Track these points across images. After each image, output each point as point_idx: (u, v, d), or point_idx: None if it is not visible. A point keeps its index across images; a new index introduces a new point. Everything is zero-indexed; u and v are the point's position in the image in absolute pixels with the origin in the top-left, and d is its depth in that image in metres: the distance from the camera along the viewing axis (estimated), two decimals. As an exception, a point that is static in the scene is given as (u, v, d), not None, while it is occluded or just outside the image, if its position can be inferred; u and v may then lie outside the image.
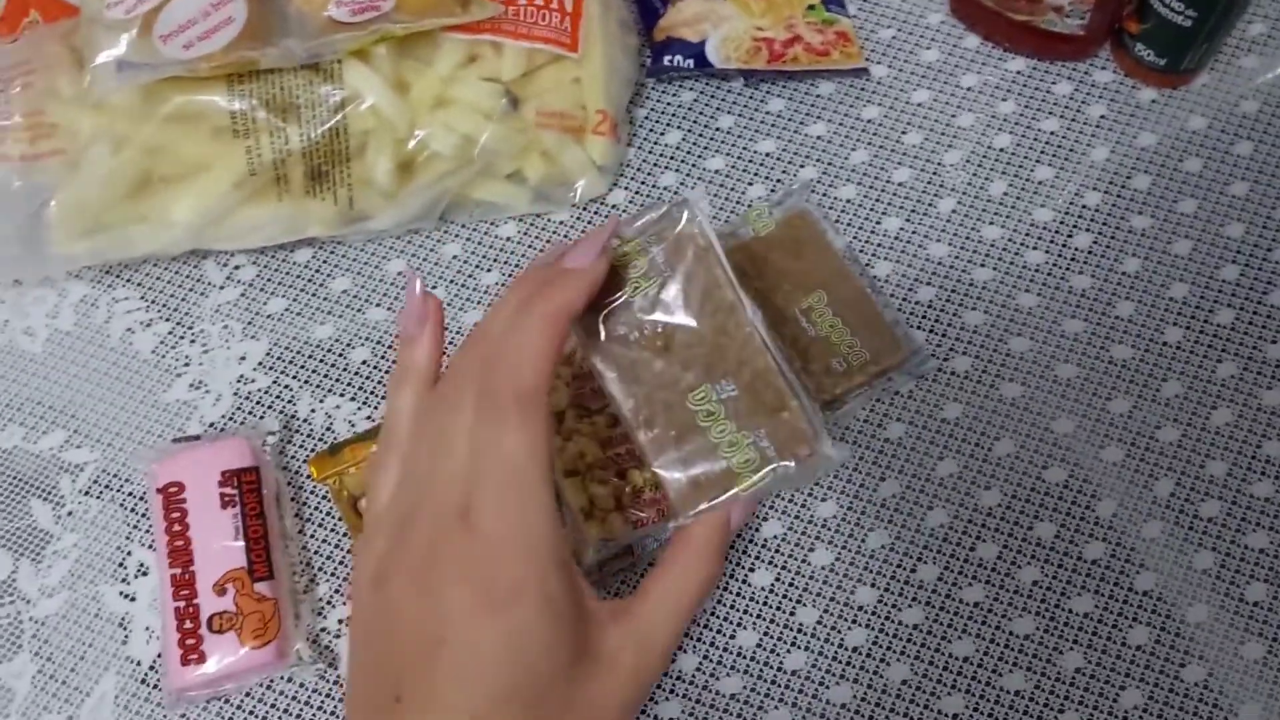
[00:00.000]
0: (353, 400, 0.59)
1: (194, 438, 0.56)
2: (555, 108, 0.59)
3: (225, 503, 0.52)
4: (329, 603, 0.54)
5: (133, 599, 0.55)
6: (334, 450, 0.56)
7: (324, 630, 0.54)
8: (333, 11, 0.54)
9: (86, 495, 0.57)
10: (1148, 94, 0.64)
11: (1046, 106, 0.64)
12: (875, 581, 0.54)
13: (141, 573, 0.55)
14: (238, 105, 0.54)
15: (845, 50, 0.65)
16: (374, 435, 0.57)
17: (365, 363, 0.60)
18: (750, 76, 0.65)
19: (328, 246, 0.62)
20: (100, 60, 0.53)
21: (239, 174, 0.55)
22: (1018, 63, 0.66)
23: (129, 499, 0.57)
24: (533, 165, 0.59)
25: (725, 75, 0.65)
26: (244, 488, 0.53)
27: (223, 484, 0.53)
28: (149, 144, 0.55)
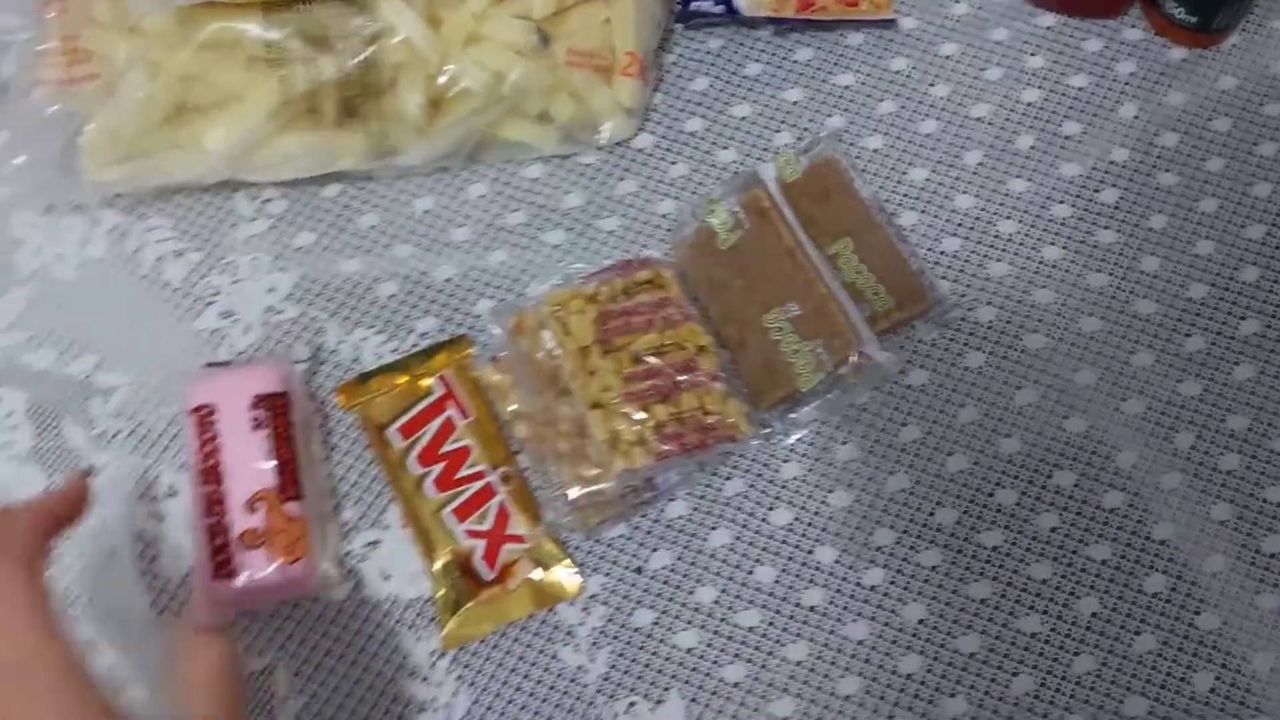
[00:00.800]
0: (380, 333, 0.59)
1: (225, 364, 0.57)
2: (585, 47, 0.59)
3: (257, 425, 0.53)
4: (354, 527, 0.55)
5: (162, 519, 0.56)
6: (362, 380, 0.57)
7: (349, 553, 0.55)
8: (370, -57, 0.54)
9: (117, 417, 0.58)
10: (1178, 53, 0.64)
11: (1076, 63, 0.64)
12: (894, 524, 0.55)
13: (170, 493, 0.56)
14: (273, 34, 0.55)
15: (875, 1, 0.65)
16: (401, 367, 0.57)
17: (392, 297, 0.60)
18: (779, 24, 0.65)
19: (357, 183, 0.63)
20: (138, -16, 0.53)
21: (272, 104, 0.56)
22: (1048, 18, 0.66)
23: (159, 422, 0.58)
24: (561, 105, 0.60)
25: (754, 23, 0.66)
26: (275, 412, 0.54)
27: (254, 407, 0.54)
28: (184, 71, 0.55)
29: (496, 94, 0.57)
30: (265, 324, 0.60)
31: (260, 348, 0.59)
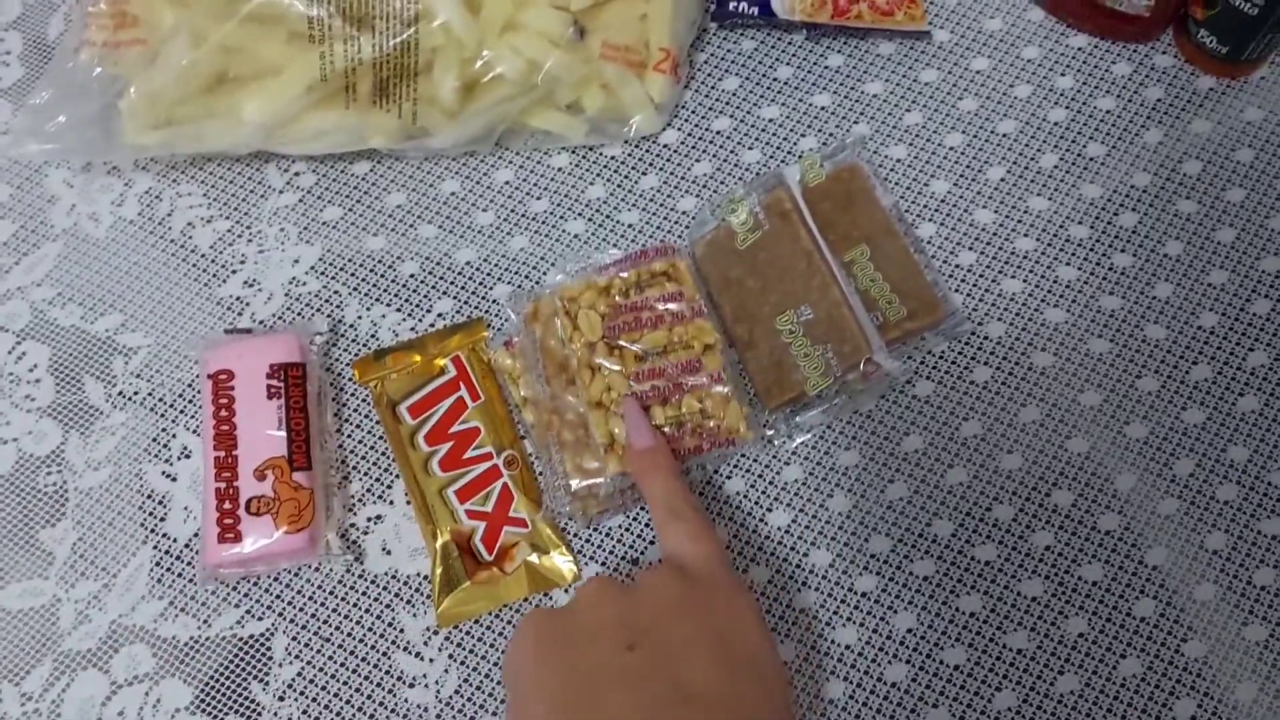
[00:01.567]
0: (398, 311, 0.60)
1: (245, 331, 0.58)
2: (620, 41, 0.60)
3: (271, 393, 0.54)
4: (360, 500, 0.56)
5: (174, 479, 0.57)
6: (378, 356, 0.58)
7: (353, 526, 0.56)
8: (413, -73, 0.55)
9: (137, 377, 0.59)
10: (1206, 82, 0.64)
11: (1104, 85, 0.64)
12: (890, 532, 0.55)
13: (184, 455, 0.57)
14: (316, 11, 0.56)
15: (910, 12, 0.65)
16: (416, 346, 0.58)
17: (413, 276, 0.61)
18: (813, 30, 0.66)
19: (385, 161, 0.64)
20: (185, -45, 0.54)
21: (310, 79, 0.57)
22: (1080, 39, 0.66)
23: (177, 384, 0.59)
24: (592, 97, 0.61)
25: (788, 26, 0.66)
26: (290, 381, 0.55)
27: (270, 376, 0.55)
28: (227, 42, 0.56)
29: (530, 82, 0.58)
30: (288, 295, 0.61)
31: (281, 318, 0.60)
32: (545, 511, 0.54)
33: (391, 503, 0.56)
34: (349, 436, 0.58)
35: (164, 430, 0.58)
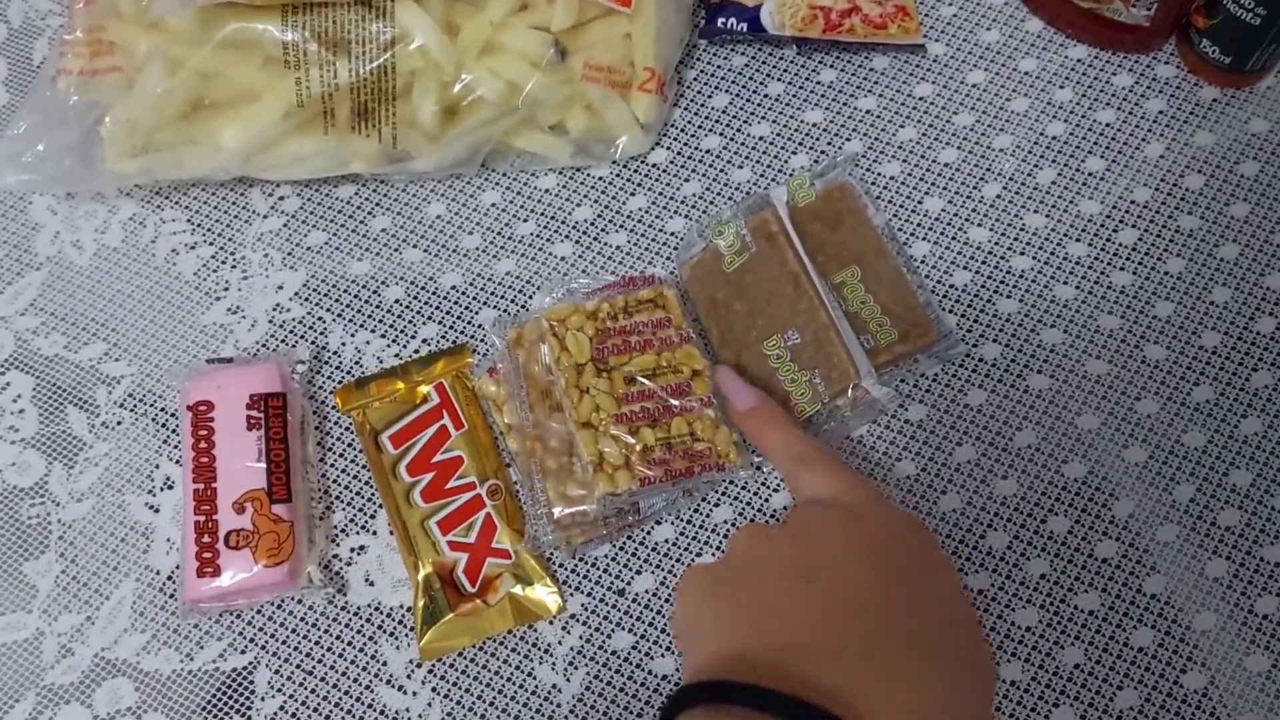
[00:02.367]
0: (383, 337, 0.60)
1: (227, 360, 0.57)
2: (603, 61, 0.59)
3: (251, 425, 0.54)
4: (343, 531, 0.56)
5: (157, 510, 0.56)
6: (361, 384, 0.58)
7: (336, 557, 0.55)
8: (390, -50, 0.54)
9: (121, 407, 0.59)
10: (1210, 92, 0.62)
11: (1104, 97, 0.63)
12: (880, 560, 0.54)
13: (167, 486, 0.57)
14: (290, 36, 0.55)
15: (904, 25, 0.64)
16: (400, 373, 0.58)
17: (398, 301, 0.61)
18: (804, 45, 0.65)
19: (370, 184, 0.63)
20: (160, -19, 0.54)
21: (287, 104, 0.56)
22: (1079, 50, 0.64)
23: (161, 414, 0.58)
24: (575, 118, 0.60)
25: (779, 42, 0.65)
26: (270, 412, 0.54)
27: (250, 406, 0.54)
28: (202, 68, 0.56)
29: (510, 104, 0.57)
30: (271, 321, 0.60)
31: (265, 345, 0.60)
32: (529, 542, 0.54)
33: (375, 533, 0.56)
34: (332, 466, 0.57)
35: (147, 461, 0.57)
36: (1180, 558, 0.53)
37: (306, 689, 0.53)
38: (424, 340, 0.60)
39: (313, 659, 0.54)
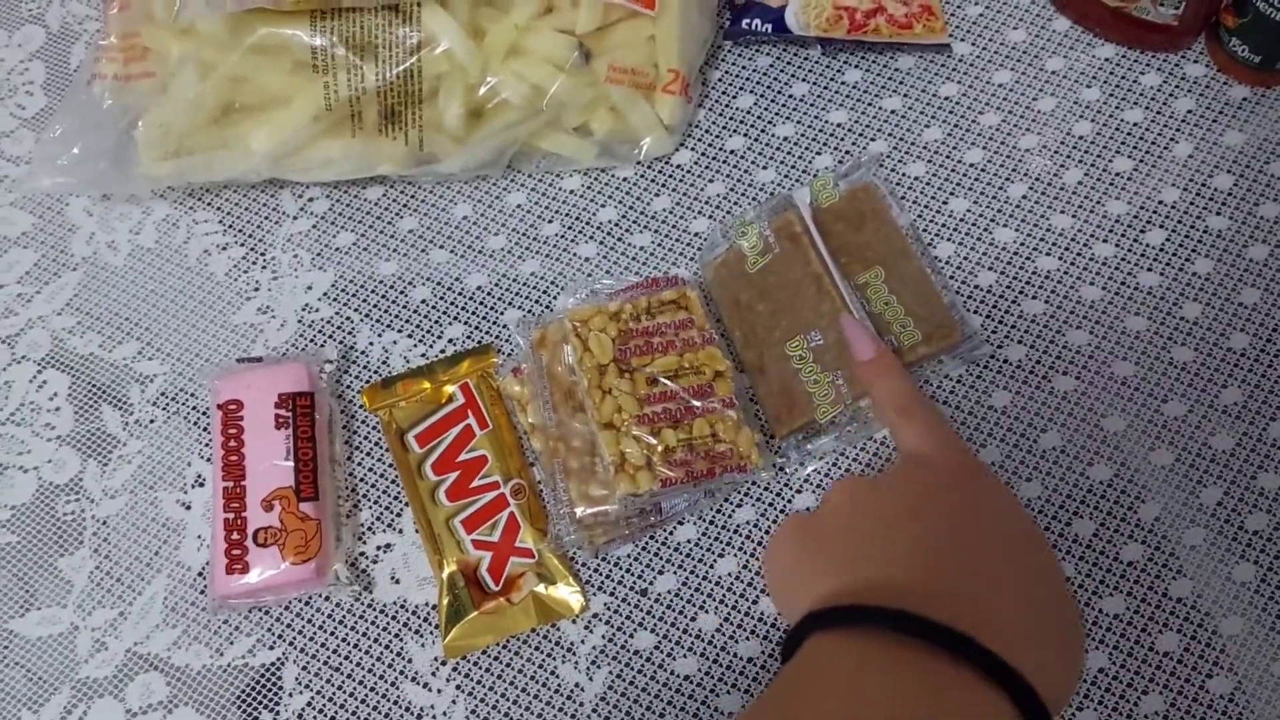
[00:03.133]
0: (409, 337, 0.60)
1: (256, 359, 0.58)
2: (627, 64, 0.59)
3: (279, 423, 0.55)
4: (370, 528, 0.56)
5: (188, 507, 0.57)
6: (387, 383, 0.58)
7: (362, 554, 0.56)
8: (416, -46, 0.55)
9: (154, 405, 0.60)
10: (1239, 91, 0.62)
11: (1132, 97, 0.62)
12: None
13: (199, 483, 0.58)
14: (319, 41, 0.56)
15: (929, 25, 0.64)
16: (426, 372, 0.58)
17: (425, 302, 0.61)
18: (829, 45, 0.65)
19: (398, 186, 0.64)
20: (191, -12, 0.55)
21: (316, 108, 0.57)
22: (1107, 50, 0.64)
23: (193, 413, 0.59)
24: (600, 120, 0.60)
25: (803, 42, 0.65)
26: (298, 411, 0.55)
27: (279, 405, 0.55)
28: (233, 73, 0.57)
29: (535, 107, 0.58)
30: (300, 321, 0.61)
31: (294, 344, 0.60)
32: (552, 541, 0.54)
33: (401, 531, 0.56)
34: (359, 464, 0.58)
35: (179, 459, 0.58)
36: (1207, 561, 0.53)
37: (333, 685, 0.54)
38: (450, 340, 0.60)
39: (339, 655, 0.54)
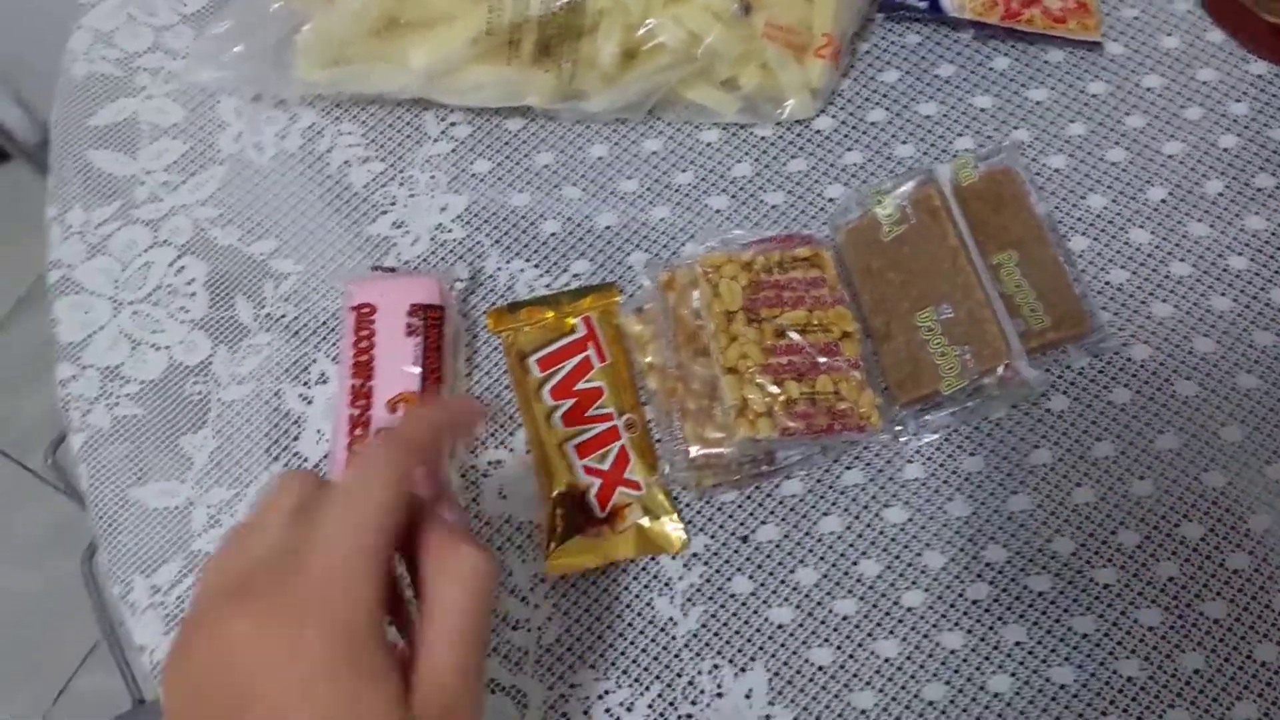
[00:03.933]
0: (536, 267, 0.62)
1: (390, 270, 0.60)
2: (784, 22, 0.60)
3: (410, 331, 0.56)
4: (482, 444, 0.58)
5: (309, 402, 0.59)
6: (513, 308, 0.59)
7: (473, 468, 0.57)
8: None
9: (285, 302, 0.61)
10: (1397, 119, 0.61)
11: (1283, 115, 0.62)
12: (1008, 543, 0.54)
13: (321, 380, 0.59)
14: (490, -36, 0.57)
15: (1083, 21, 0.64)
16: (550, 302, 0.59)
17: (554, 235, 0.62)
18: (981, 30, 0.65)
19: (538, 121, 0.65)
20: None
21: (476, 31, 0.58)
22: (1260, 66, 0.63)
23: (322, 313, 0.61)
24: (749, 75, 0.61)
25: (956, 24, 0.65)
26: (428, 322, 0.56)
27: (410, 314, 0.56)
28: (402, -13, 0.58)
29: (689, 54, 0.58)
30: (432, 240, 0.62)
31: (425, 261, 0.62)
32: (661, 476, 0.55)
33: (511, 450, 0.57)
34: (477, 382, 0.59)
35: (305, 355, 0.60)
36: (1316, 579, 0.52)
37: (433, 589, 0.55)
38: (574, 275, 0.61)
39: (441, 562, 0.55)
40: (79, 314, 0.62)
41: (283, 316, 0.61)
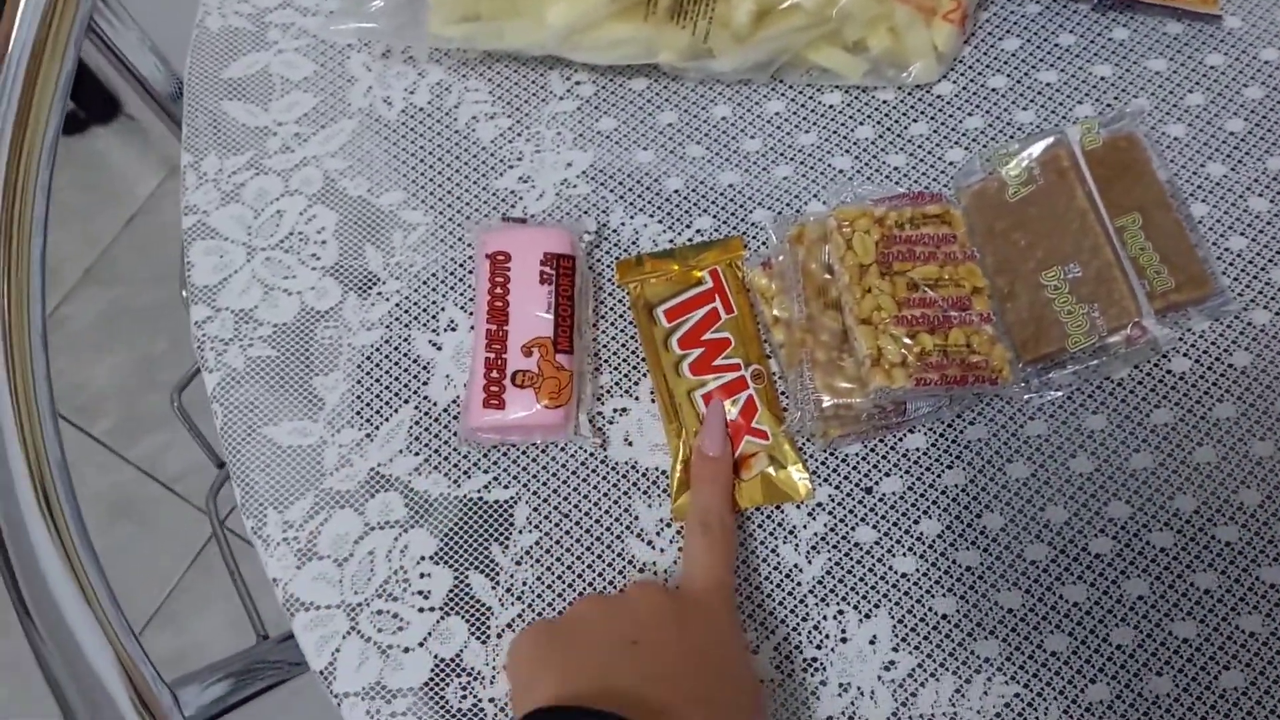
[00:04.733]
0: (660, 223, 0.63)
1: (520, 220, 0.61)
2: (915, -15, 0.61)
3: (543, 279, 0.57)
4: (609, 392, 0.59)
5: (439, 348, 0.60)
6: (639, 260, 0.61)
7: (599, 414, 0.58)
8: None
9: (414, 251, 0.63)
10: None
11: (1406, 88, 0.62)
12: (1130, 500, 0.55)
13: (450, 328, 0.61)
14: (631, -79, 0.58)
15: (1203, -7, 0.64)
16: (675, 255, 0.61)
17: (677, 192, 0.63)
18: (1101, 1, 0.65)
19: (662, 81, 0.66)
20: None
21: (616, -13, 0.59)
22: (1383, 42, 0.64)
23: (450, 263, 0.62)
24: (878, 37, 0.62)
25: (1077, -5, 0.66)
26: (560, 270, 0.58)
27: (544, 263, 0.58)
28: (541, -56, 0.59)
29: (824, 15, 0.59)
30: (558, 194, 0.64)
31: (550, 214, 0.63)
32: (789, 425, 0.56)
33: (637, 398, 0.59)
34: (603, 332, 0.60)
35: (434, 303, 0.62)
36: None
37: (561, 529, 0.56)
38: (698, 231, 0.62)
39: (569, 503, 0.57)
40: (214, 258, 0.63)
41: (411, 265, 0.62)
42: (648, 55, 0.62)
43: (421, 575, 0.56)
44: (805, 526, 0.56)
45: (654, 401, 0.58)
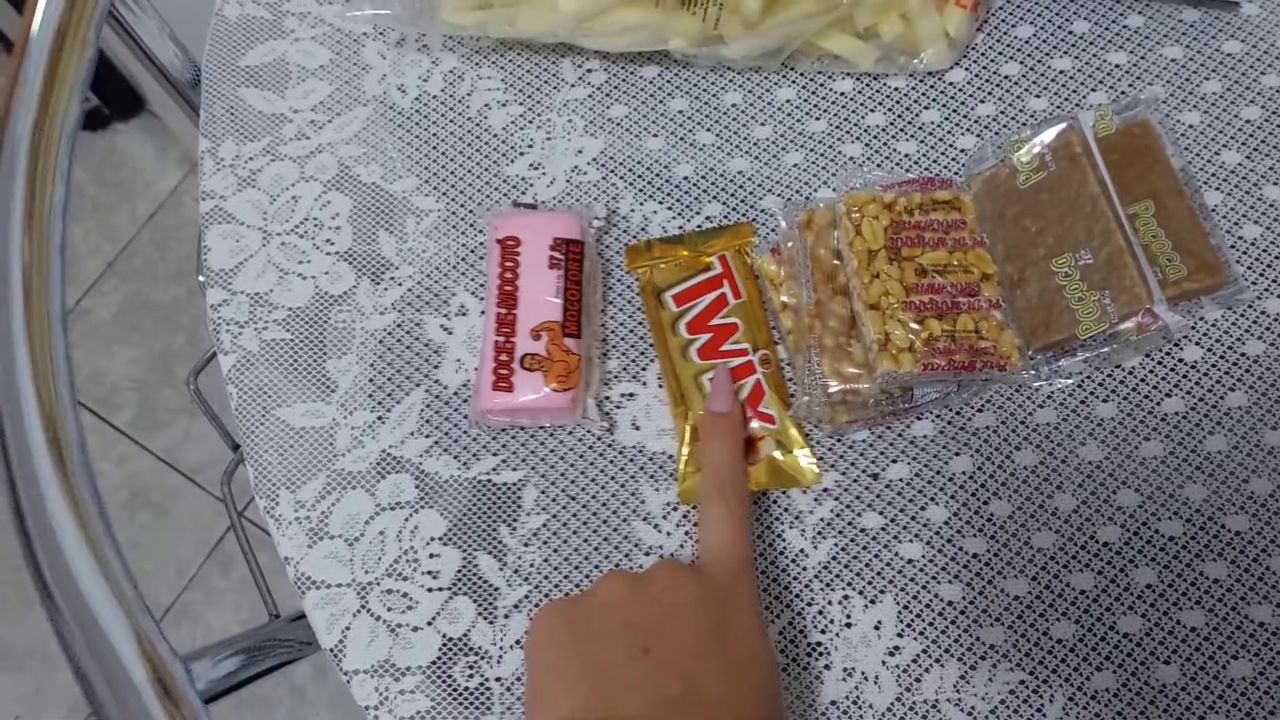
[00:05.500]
0: (670, 209, 0.63)
1: (531, 206, 0.62)
2: (928, -29, 0.60)
3: (553, 264, 0.58)
4: (616, 377, 0.59)
5: (450, 332, 0.61)
6: (648, 245, 0.61)
7: (607, 399, 0.59)
8: None
9: (426, 237, 0.63)
10: None
11: None
12: (1140, 489, 0.55)
13: (461, 313, 0.61)
14: (642, -91, 0.58)
15: (1222, -20, 0.64)
16: (684, 241, 0.61)
17: (686, 179, 0.64)
18: (1117, -13, 0.65)
19: (673, 68, 0.66)
20: None
21: (629, -27, 0.60)
22: (1404, 28, 0.63)
23: (461, 249, 0.63)
24: (890, 24, 0.61)
25: (1092, -19, 0.65)
26: (569, 256, 0.58)
27: (553, 248, 0.58)
28: (561, -69, 0.60)
29: (835, 1, 0.59)
30: (568, 181, 0.64)
31: (561, 201, 0.63)
32: (796, 410, 0.56)
33: (645, 383, 0.59)
34: (612, 317, 0.61)
35: (445, 288, 0.62)
36: None
37: (569, 512, 0.57)
38: (707, 217, 0.63)
39: (577, 486, 0.57)
40: (230, 242, 0.64)
41: (424, 251, 0.63)
42: (657, 42, 0.62)
43: (431, 555, 0.56)
44: (811, 511, 0.56)
45: (661, 386, 0.58)
